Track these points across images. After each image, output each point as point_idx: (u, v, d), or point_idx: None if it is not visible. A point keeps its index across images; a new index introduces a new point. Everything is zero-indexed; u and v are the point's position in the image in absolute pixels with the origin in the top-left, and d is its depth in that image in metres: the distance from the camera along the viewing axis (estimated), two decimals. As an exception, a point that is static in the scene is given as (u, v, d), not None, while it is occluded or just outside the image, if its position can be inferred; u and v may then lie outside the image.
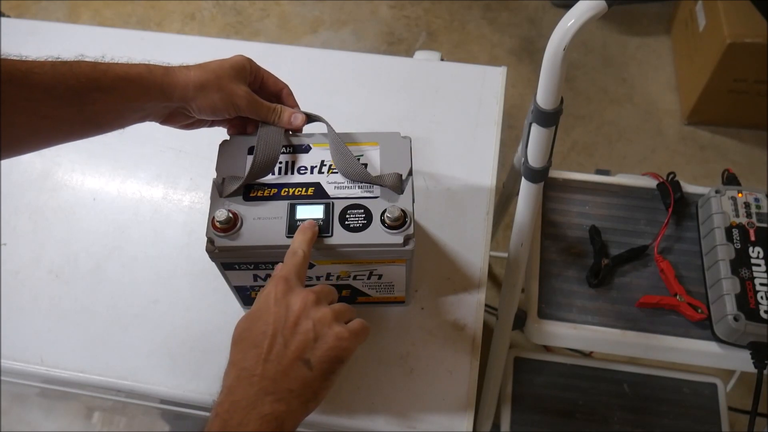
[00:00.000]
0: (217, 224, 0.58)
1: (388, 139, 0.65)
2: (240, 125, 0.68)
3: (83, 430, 1.36)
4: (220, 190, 0.62)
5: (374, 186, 0.62)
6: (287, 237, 0.58)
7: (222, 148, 0.65)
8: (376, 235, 0.59)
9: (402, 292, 0.69)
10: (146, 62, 0.59)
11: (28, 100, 0.51)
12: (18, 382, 0.81)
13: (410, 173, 0.63)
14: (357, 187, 0.62)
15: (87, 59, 0.56)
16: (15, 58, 0.51)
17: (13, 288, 0.77)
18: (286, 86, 0.68)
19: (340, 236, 0.59)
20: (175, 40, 1.03)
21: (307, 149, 0.65)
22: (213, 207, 0.61)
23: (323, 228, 0.59)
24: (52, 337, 0.74)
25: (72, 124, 0.55)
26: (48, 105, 0.52)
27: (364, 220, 0.60)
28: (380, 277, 0.65)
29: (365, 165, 0.63)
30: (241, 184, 0.61)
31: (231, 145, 0.66)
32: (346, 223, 0.60)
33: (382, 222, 0.59)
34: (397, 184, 0.61)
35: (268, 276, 0.63)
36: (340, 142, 0.64)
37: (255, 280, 0.64)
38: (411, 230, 0.59)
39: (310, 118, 0.67)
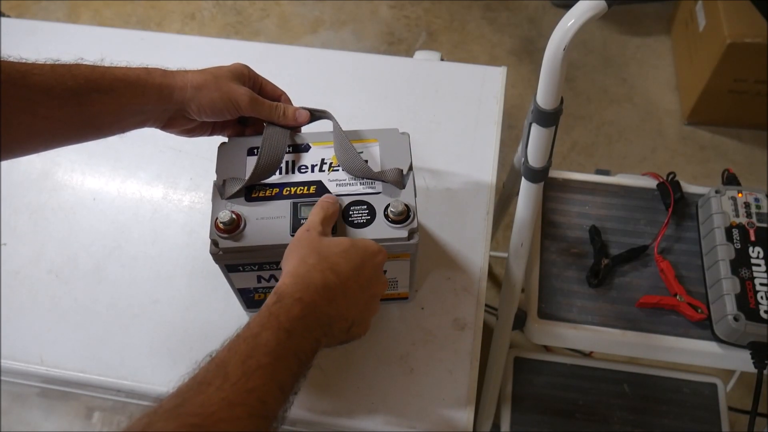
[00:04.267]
0: (221, 225, 0.58)
1: (387, 136, 0.66)
2: (239, 131, 0.68)
3: (83, 430, 1.36)
4: (221, 192, 0.62)
5: (376, 182, 0.62)
6: (291, 236, 0.58)
7: (221, 150, 0.65)
8: (381, 230, 0.59)
9: (405, 288, 0.69)
10: (146, 64, 0.59)
11: (27, 101, 0.51)
12: (18, 382, 0.81)
13: (411, 168, 0.63)
14: (359, 184, 0.62)
15: (86, 62, 0.56)
16: (14, 60, 0.51)
17: (13, 288, 0.77)
18: (284, 93, 0.68)
19: (344, 233, 0.59)
20: (175, 40, 1.03)
21: (306, 148, 0.65)
22: (215, 209, 0.61)
23: None
24: (52, 337, 0.74)
25: (71, 126, 0.55)
26: (46, 106, 0.52)
27: (367, 215, 0.60)
28: (384, 273, 0.65)
29: (366, 161, 0.63)
30: (243, 186, 0.61)
31: (229, 146, 0.66)
32: (350, 219, 0.60)
33: (386, 217, 0.60)
34: (399, 179, 0.61)
35: (272, 277, 0.63)
36: (344, 138, 0.64)
37: (259, 281, 0.64)
38: (415, 224, 0.59)
39: (315, 116, 0.67)
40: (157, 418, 0.39)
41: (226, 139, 0.67)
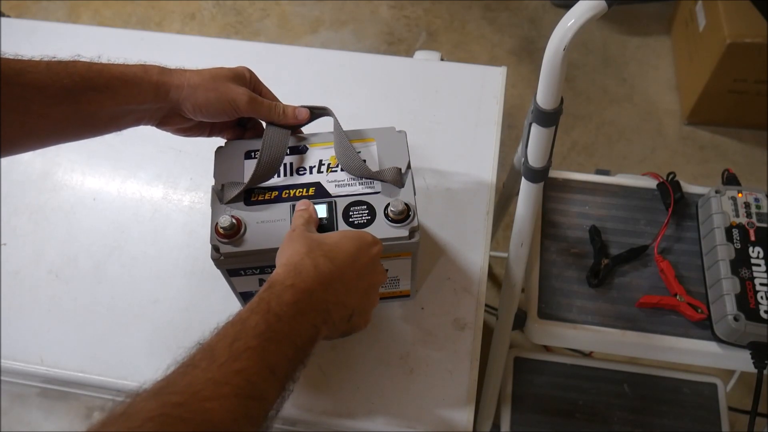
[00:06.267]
0: (221, 230, 0.58)
1: (384, 135, 0.66)
2: (239, 134, 0.68)
3: (83, 430, 1.36)
4: (220, 197, 0.61)
5: (375, 181, 0.62)
6: None
7: (218, 154, 0.65)
8: (382, 229, 0.59)
9: (407, 286, 0.70)
10: (144, 62, 0.59)
11: (21, 99, 0.51)
12: (18, 382, 0.81)
13: (409, 166, 0.63)
14: (358, 184, 0.62)
15: (83, 59, 0.56)
16: (10, 57, 0.51)
17: (13, 288, 0.77)
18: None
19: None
20: (175, 40, 1.03)
21: (303, 150, 0.65)
22: (215, 214, 0.60)
23: (328, 227, 0.59)
24: (52, 337, 0.74)
25: (66, 124, 0.55)
26: (41, 104, 0.52)
27: (368, 215, 0.60)
28: (386, 272, 0.65)
29: (364, 161, 0.63)
30: (243, 189, 0.61)
31: (227, 150, 0.65)
32: (351, 220, 0.60)
33: (386, 216, 0.60)
34: (398, 178, 0.61)
35: None
36: (344, 137, 0.64)
37: (261, 285, 0.64)
38: (416, 222, 0.60)
39: (314, 113, 0.67)
40: (138, 399, 0.38)
41: (223, 143, 0.67)
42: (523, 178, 0.72)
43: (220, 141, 0.67)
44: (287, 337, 0.46)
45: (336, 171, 0.63)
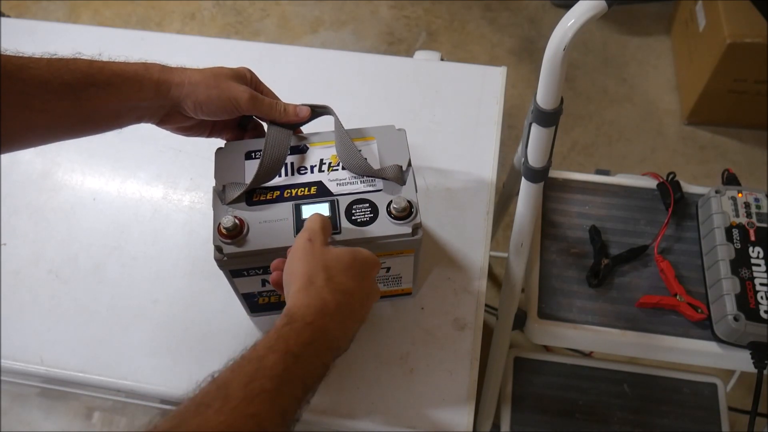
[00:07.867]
0: (224, 231, 0.58)
1: (384, 133, 0.66)
2: (238, 136, 0.68)
3: (83, 430, 1.36)
4: (221, 197, 0.61)
5: (376, 179, 0.62)
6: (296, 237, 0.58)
7: (218, 155, 0.65)
8: (384, 227, 0.59)
9: (409, 284, 0.70)
10: (145, 60, 0.59)
11: (22, 94, 0.51)
12: (18, 382, 0.81)
13: (409, 164, 0.63)
14: (359, 182, 0.62)
15: (84, 57, 0.56)
16: (11, 53, 0.51)
17: (13, 288, 0.77)
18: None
19: (348, 232, 0.59)
20: (175, 40, 1.03)
21: (304, 149, 0.65)
22: (217, 215, 0.60)
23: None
24: (52, 337, 0.73)
25: (67, 120, 0.55)
26: (42, 99, 0.52)
27: (370, 213, 0.60)
28: (388, 270, 0.65)
29: (365, 159, 0.63)
30: (245, 190, 0.61)
31: (227, 151, 0.65)
32: (353, 218, 0.60)
33: (389, 213, 0.60)
34: (399, 176, 0.62)
35: None
36: (345, 135, 0.64)
37: (263, 285, 0.64)
38: (418, 219, 0.60)
39: (315, 112, 0.67)
40: None
41: (223, 144, 0.67)
42: (523, 178, 0.72)
43: (220, 142, 0.67)
44: (301, 378, 0.46)
45: (337, 170, 0.63)
